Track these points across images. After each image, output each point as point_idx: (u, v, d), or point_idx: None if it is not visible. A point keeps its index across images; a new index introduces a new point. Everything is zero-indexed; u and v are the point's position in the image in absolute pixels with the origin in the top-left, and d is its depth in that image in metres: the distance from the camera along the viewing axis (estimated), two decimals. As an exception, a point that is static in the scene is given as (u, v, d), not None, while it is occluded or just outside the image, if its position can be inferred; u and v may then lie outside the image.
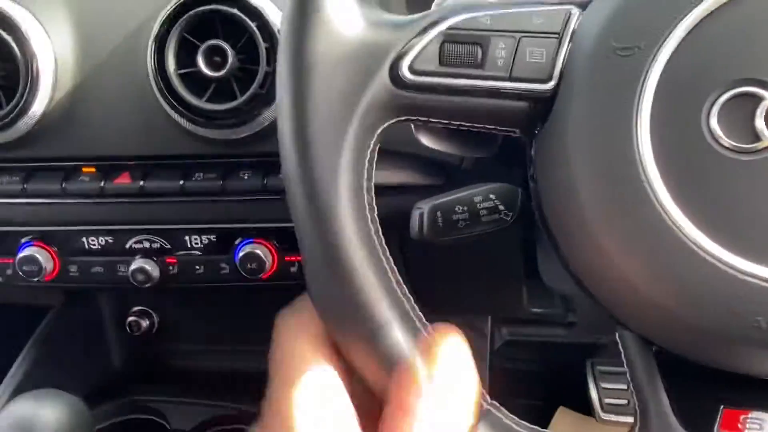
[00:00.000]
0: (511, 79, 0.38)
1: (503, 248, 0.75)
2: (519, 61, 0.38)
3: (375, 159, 0.39)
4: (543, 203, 0.40)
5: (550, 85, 0.37)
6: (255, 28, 0.61)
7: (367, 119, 0.38)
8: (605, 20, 0.36)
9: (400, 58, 0.38)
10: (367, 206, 0.37)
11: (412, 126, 0.56)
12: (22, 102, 0.64)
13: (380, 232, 0.38)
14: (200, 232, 0.72)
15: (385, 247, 0.38)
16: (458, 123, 0.40)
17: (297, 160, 0.37)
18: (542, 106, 0.38)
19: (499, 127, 0.40)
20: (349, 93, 0.37)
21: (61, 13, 0.67)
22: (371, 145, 0.39)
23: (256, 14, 0.61)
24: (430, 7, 0.43)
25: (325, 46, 0.37)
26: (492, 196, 0.52)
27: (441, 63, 0.38)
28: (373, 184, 0.39)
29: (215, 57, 0.62)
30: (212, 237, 0.72)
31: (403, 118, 0.39)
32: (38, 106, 0.65)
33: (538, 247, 0.64)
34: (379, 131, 0.39)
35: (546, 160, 0.39)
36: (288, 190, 0.38)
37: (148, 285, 0.72)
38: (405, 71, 0.38)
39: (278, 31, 0.61)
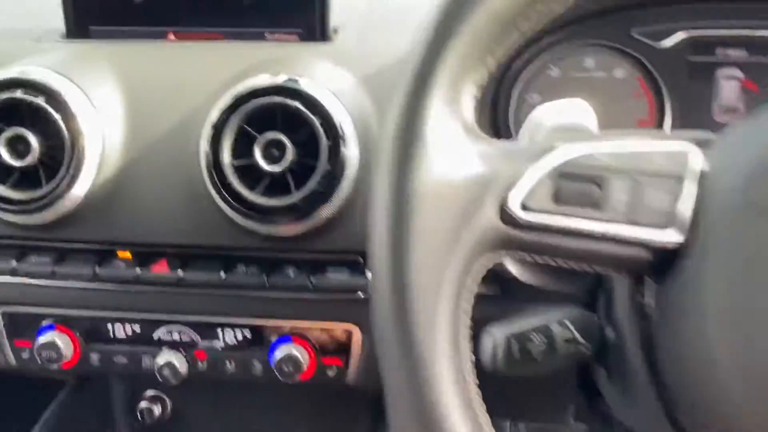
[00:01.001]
0: (631, 223, 0.34)
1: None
2: (639, 204, 0.35)
3: (472, 302, 0.35)
4: (662, 355, 0.36)
5: (676, 234, 0.34)
6: (318, 124, 0.58)
7: (469, 257, 0.34)
8: (744, 174, 0.33)
9: (508, 192, 0.34)
10: (466, 368, 0.33)
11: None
12: (64, 183, 0.60)
13: (480, 396, 0.34)
14: (235, 326, 0.67)
15: (486, 415, 0.34)
16: (569, 264, 0.36)
17: (392, 303, 0.33)
18: (668, 256, 0.34)
19: (615, 272, 0.36)
20: (451, 229, 0.34)
21: (112, 91, 0.65)
22: (471, 286, 0.35)
23: (320, 109, 0.59)
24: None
25: (426, 177, 0.34)
26: (569, 324, 0.48)
27: (555, 201, 0.35)
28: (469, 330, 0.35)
29: (273, 149, 0.59)
30: (247, 333, 0.68)
31: (508, 256, 0.36)
32: (80, 189, 0.61)
33: (601, 372, 0.59)
34: (480, 270, 0.35)
35: (673, 315, 0.35)
36: (379, 330, 0.34)
37: (174, 382, 0.67)
38: (515, 208, 0.34)
39: (341, 126, 0.59)
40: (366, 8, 0.76)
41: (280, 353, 0.66)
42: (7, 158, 0.60)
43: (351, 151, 0.59)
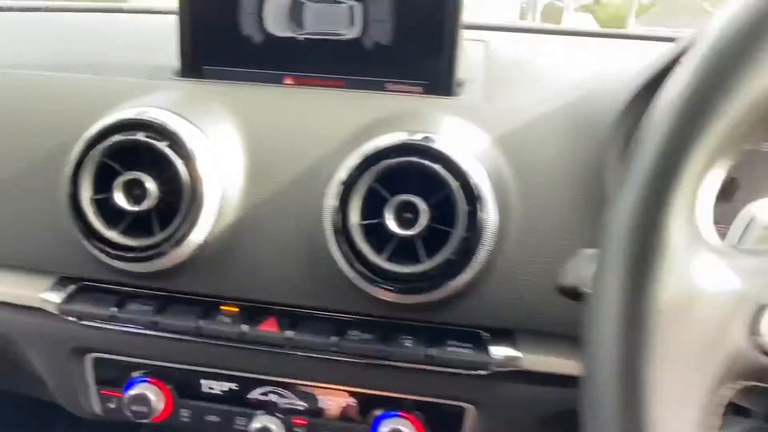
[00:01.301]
0: None
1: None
2: None
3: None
4: None
5: None
6: (456, 187, 0.54)
7: (715, 388, 0.29)
8: None
9: (761, 315, 0.29)
10: None
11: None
12: (180, 231, 0.57)
13: None
14: (340, 395, 0.63)
15: None
16: None
17: None
18: None
19: None
20: (696, 354, 0.28)
21: (231, 134, 0.62)
22: (713, 422, 0.29)
23: (458, 171, 0.54)
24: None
25: (669, 290, 0.29)
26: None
27: None
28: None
29: (404, 212, 0.55)
30: (352, 402, 0.63)
31: (761, 384, 0.30)
32: (195, 238, 0.58)
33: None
34: (723, 402, 0.30)
35: None
36: None
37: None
38: None
39: (479, 190, 0.54)
40: (484, 61, 0.72)
41: (385, 428, 0.61)
42: (123, 203, 0.57)
43: (490, 218, 0.54)
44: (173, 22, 0.69)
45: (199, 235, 0.58)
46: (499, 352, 0.58)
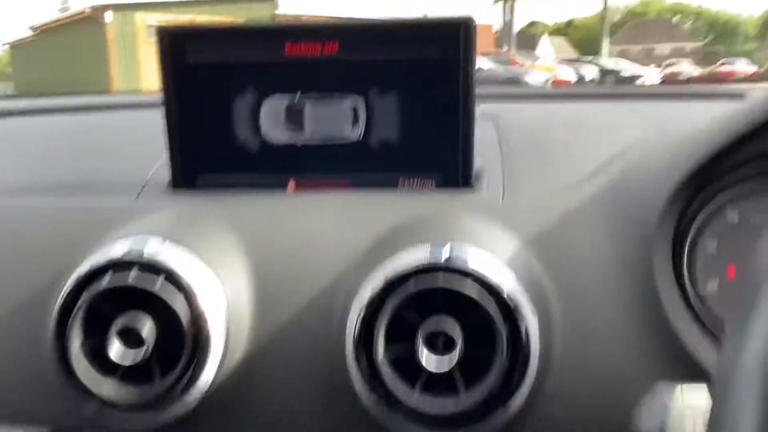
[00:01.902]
0: None
1: None
2: None
3: None
4: None
5: None
6: (494, 309, 0.48)
7: None
8: None
9: None
10: None
11: None
12: (183, 379, 0.50)
13: None
14: None
15: None
16: None
17: None
18: None
19: None
20: None
21: (233, 258, 0.55)
22: None
23: (494, 290, 0.48)
24: None
25: None
26: None
27: None
28: None
29: (436, 339, 0.48)
30: None
31: None
32: (200, 385, 0.51)
33: None
34: None
35: None
36: None
37: None
38: None
39: (520, 310, 0.48)
40: (498, 144, 0.66)
41: None
42: (117, 356, 0.50)
43: (533, 340, 0.48)
44: (159, 119, 0.63)
45: (204, 381, 0.51)
46: None
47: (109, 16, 15.42)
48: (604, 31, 24.13)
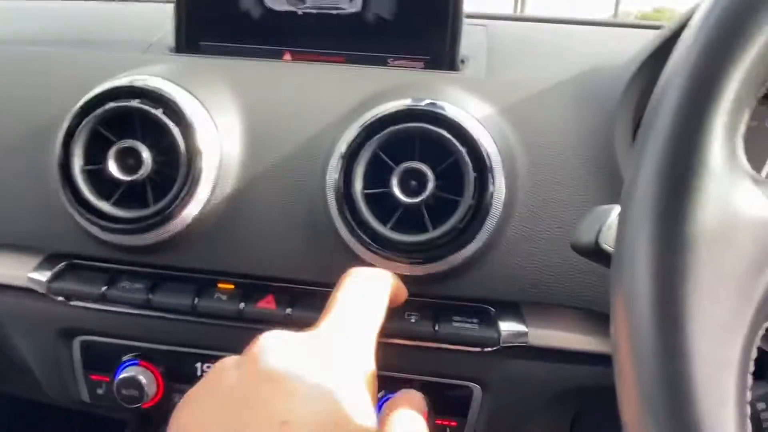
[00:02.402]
0: None
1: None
2: None
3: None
4: None
5: None
6: (464, 154, 0.52)
7: (761, 318, 0.27)
8: None
9: None
10: None
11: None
12: (175, 202, 0.55)
13: None
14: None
15: None
16: None
17: (663, 378, 0.26)
18: None
19: None
20: (742, 282, 0.27)
21: (229, 107, 0.60)
22: (754, 355, 0.28)
23: (466, 138, 0.53)
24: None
25: (710, 215, 0.27)
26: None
27: None
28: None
29: (410, 180, 0.53)
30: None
31: None
32: (191, 210, 0.55)
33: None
34: (765, 335, 0.28)
35: None
36: (643, 416, 0.27)
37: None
38: None
39: (489, 157, 0.53)
40: (486, 41, 0.71)
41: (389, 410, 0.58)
42: (116, 172, 0.55)
43: (498, 185, 0.53)
44: (166, 7, 0.67)
45: (195, 207, 0.56)
46: (506, 327, 0.56)
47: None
48: (611, 33, 24.11)
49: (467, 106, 0.57)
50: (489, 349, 0.56)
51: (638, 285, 0.27)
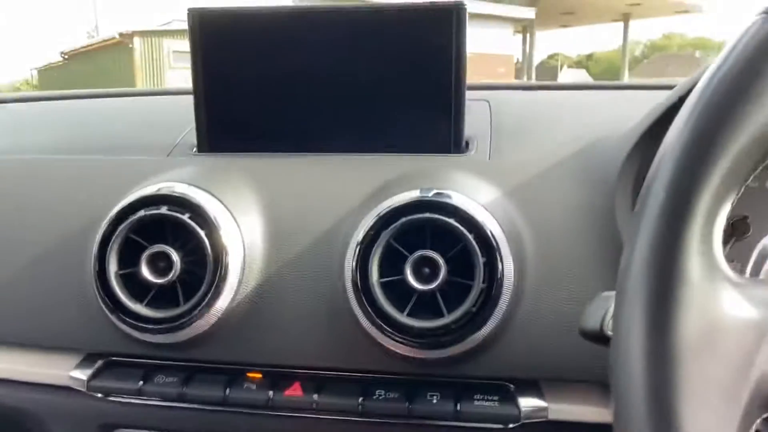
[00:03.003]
0: None
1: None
2: None
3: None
4: None
5: None
6: (472, 240, 0.55)
7: (749, 419, 0.29)
8: None
9: None
10: None
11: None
12: (204, 301, 0.58)
13: None
14: (368, 457, 0.62)
15: None
16: None
17: None
18: None
19: None
20: (727, 385, 0.29)
21: (250, 204, 0.64)
22: None
23: (474, 224, 0.56)
24: None
25: (693, 323, 0.29)
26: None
27: None
28: None
29: (423, 268, 0.56)
30: (381, 464, 0.62)
31: None
32: (219, 307, 0.59)
33: None
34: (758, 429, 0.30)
35: None
36: None
37: None
38: None
39: (496, 242, 0.56)
40: (489, 120, 0.74)
41: (417, 489, 0.60)
42: (149, 276, 0.58)
43: (507, 268, 0.56)
44: (184, 102, 0.72)
45: (223, 303, 0.59)
46: (526, 403, 0.58)
47: (137, 42, 15.88)
48: (623, 64, 24.29)
49: (473, 192, 0.60)
50: (511, 425, 0.58)
51: (632, 390, 0.30)
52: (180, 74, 15.85)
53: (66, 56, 20.69)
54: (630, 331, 0.30)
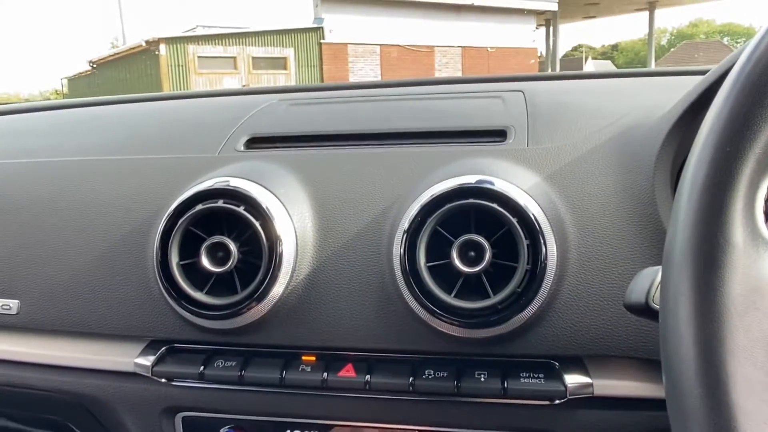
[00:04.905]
0: None
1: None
2: None
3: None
4: None
5: None
6: (515, 223, 0.58)
7: None
8: None
9: None
10: None
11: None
12: (261, 287, 0.62)
13: None
14: (419, 435, 0.65)
15: None
16: None
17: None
18: None
19: None
20: None
21: (301, 194, 0.67)
22: None
23: (516, 208, 0.58)
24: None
25: (740, 285, 0.32)
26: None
27: None
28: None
29: (470, 252, 0.58)
30: (431, 442, 0.65)
31: None
32: (274, 293, 0.62)
33: None
34: None
35: None
36: None
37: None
38: None
39: (539, 224, 0.58)
40: (525, 109, 0.77)
41: (467, 465, 0.63)
42: (209, 265, 0.62)
43: (550, 250, 0.58)
44: (230, 102, 0.76)
45: (278, 289, 0.62)
46: (571, 380, 0.60)
47: (163, 49, 16.14)
48: (650, 53, 23.95)
49: (514, 178, 0.62)
50: (557, 401, 0.60)
51: (683, 349, 0.32)
52: (206, 79, 16.08)
53: (94, 65, 21.10)
54: (678, 295, 0.33)
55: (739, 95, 0.33)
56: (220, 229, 0.64)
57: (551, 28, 21.54)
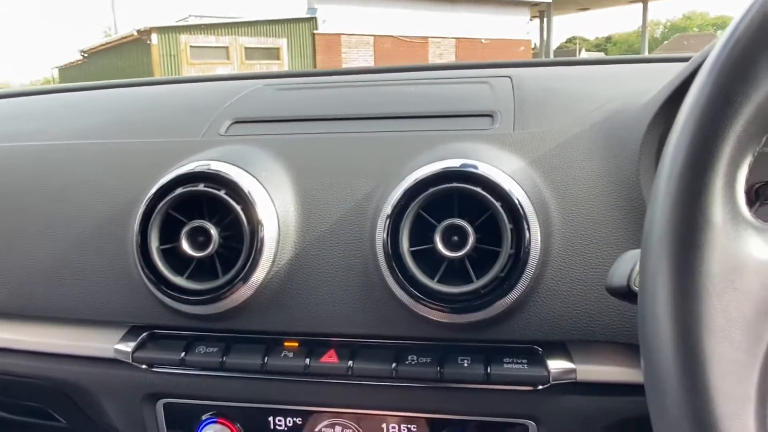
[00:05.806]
0: None
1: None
2: None
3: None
4: None
5: None
6: (499, 208, 0.57)
7: None
8: None
9: None
10: None
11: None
12: (242, 272, 0.61)
13: None
14: (402, 421, 0.64)
15: None
16: None
17: (687, 412, 0.30)
18: None
19: None
20: (752, 323, 0.31)
21: (283, 179, 0.66)
22: None
23: (500, 193, 0.58)
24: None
25: (718, 264, 0.31)
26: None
27: None
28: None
29: (452, 236, 0.58)
30: (413, 428, 0.64)
31: None
32: (256, 278, 0.61)
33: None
34: None
35: None
36: None
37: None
38: None
39: (522, 209, 0.57)
40: (512, 95, 0.76)
41: (451, 451, 0.62)
42: (189, 250, 0.61)
43: (534, 234, 0.57)
44: (213, 87, 0.74)
45: (259, 275, 0.61)
46: (554, 365, 0.59)
47: (155, 38, 16.01)
48: (643, 45, 23.95)
49: (499, 162, 0.61)
50: (541, 387, 0.60)
51: (660, 329, 0.32)
52: (198, 69, 15.97)
53: (85, 54, 20.93)
54: (656, 275, 0.32)
55: (720, 72, 0.32)
56: (201, 214, 0.63)
57: (545, 19, 21.51)
